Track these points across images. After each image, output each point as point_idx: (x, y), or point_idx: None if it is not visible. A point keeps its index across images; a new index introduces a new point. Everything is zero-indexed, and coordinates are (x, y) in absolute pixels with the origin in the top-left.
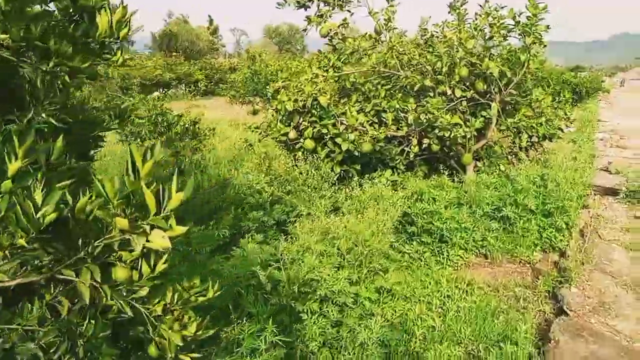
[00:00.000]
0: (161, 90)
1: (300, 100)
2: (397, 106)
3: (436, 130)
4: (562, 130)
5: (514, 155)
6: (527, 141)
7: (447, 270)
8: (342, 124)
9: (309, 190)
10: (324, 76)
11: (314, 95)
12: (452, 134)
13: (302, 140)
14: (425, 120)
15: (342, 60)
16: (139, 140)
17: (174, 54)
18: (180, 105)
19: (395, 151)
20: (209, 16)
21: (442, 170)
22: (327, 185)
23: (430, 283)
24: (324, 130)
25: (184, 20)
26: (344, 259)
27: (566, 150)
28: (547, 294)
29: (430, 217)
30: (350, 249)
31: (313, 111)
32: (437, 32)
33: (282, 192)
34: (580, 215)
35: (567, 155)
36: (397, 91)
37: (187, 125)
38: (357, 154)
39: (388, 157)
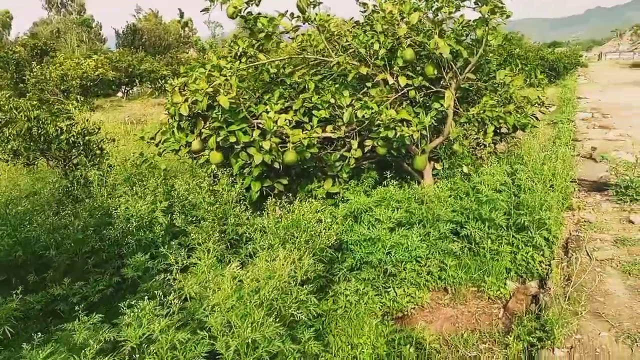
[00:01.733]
0: (123, 89)
1: (200, 101)
2: (332, 101)
3: (381, 129)
4: (536, 118)
5: (481, 150)
6: (494, 134)
7: (389, 325)
8: (258, 128)
9: (213, 220)
10: (229, 68)
11: (210, 94)
12: (398, 134)
13: (207, 152)
14: (364, 118)
15: (256, 47)
16: (20, 158)
17: (111, 49)
18: (136, 105)
19: (334, 157)
20: (179, 10)
21: (395, 177)
22: (241, 209)
23: (356, 352)
24: (232, 139)
25: (154, 15)
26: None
27: (543, 137)
28: (522, 355)
29: (372, 245)
30: (224, 328)
31: (214, 114)
32: (376, 6)
33: (184, 222)
34: (563, 221)
35: (544, 143)
36: (331, 83)
37: (73, 139)
38: (277, 166)
39: (326, 165)
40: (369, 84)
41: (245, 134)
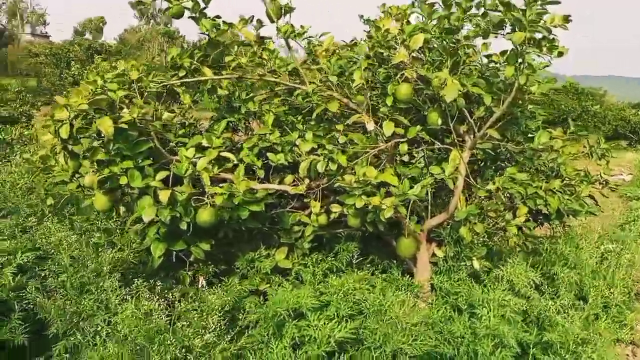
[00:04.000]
0: None
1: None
2: (298, 142)
3: (356, 192)
4: (595, 201)
5: (509, 237)
6: (531, 219)
7: None
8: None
9: (72, 293)
10: (137, 81)
11: (90, 115)
12: (372, 205)
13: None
14: (329, 171)
15: (197, 59)
16: None
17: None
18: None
19: (292, 218)
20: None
21: (381, 255)
22: (113, 283)
23: None
24: (123, 180)
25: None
26: None
27: (607, 217)
28: None
29: None
30: None
31: (97, 143)
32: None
33: (41, 288)
34: None
35: (604, 230)
36: (301, 118)
37: None
38: (184, 227)
39: (280, 229)
40: (340, 127)
41: (146, 175)
